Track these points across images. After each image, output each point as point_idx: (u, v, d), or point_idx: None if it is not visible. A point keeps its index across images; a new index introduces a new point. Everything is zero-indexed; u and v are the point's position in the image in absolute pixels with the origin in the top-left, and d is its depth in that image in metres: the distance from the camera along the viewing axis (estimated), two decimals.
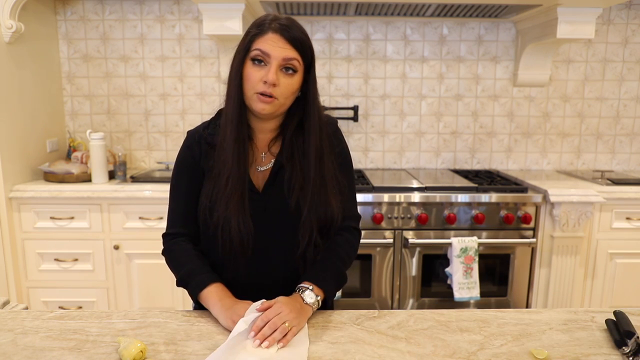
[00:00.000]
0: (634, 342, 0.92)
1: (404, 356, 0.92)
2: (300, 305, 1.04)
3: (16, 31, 2.27)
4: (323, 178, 1.13)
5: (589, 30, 2.34)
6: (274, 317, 0.97)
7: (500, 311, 1.12)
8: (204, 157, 1.16)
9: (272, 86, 1.05)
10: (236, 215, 1.09)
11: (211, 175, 1.13)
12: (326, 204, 1.13)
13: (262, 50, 1.04)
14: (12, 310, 1.12)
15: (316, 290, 1.09)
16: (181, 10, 2.76)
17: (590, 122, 2.93)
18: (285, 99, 1.09)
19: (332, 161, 1.16)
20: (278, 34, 1.04)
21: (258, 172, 1.17)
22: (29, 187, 2.32)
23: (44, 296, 2.40)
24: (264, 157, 1.18)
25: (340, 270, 1.16)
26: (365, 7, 2.46)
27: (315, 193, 1.11)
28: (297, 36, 1.06)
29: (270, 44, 1.04)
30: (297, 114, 1.14)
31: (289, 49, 1.05)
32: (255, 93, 1.06)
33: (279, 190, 1.14)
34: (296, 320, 0.99)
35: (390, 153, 2.95)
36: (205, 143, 1.16)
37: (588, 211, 2.31)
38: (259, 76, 1.05)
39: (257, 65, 1.05)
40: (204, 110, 2.86)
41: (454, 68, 2.87)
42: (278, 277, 1.17)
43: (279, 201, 1.14)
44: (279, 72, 1.05)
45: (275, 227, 1.15)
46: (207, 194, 1.13)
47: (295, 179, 1.13)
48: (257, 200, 1.14)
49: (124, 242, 2.35)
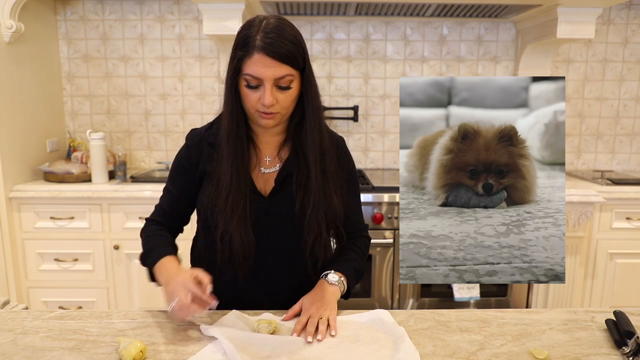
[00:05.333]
0: (634, 342, 0.92)
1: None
2: (323, 292, 1.09)
3: (16, 31, 2.27)
4: (325, 173, 1.13)
5: (589, 30, 2.34)
6: (309, 320, 1.01)
7: (500, 311, 1.12)
8: (204, 158, 1.15)
9: (271, 106, 1.04)
10: (238, 230, 1.08)
11: (212, 180, 1.12)
12: (329, 200, 1.13)
13: (252, 75, 1.01)
14: (12, 310, 1.12)
15: (337, 273, 1.14)
16: (181, 10, 2.76)
17: (590, 122, 2.93)
18: (287, 110, 1.08)
19: (333, 157, 1.16)
20: (263, 53, 0.99)
21: (261, 173, 1.16)
22: (29, 187, 2.32)
23: (44, 296, 2.40)
24: (269, 160, 1.17)
25: (357, 261, 1.20)
26: (365, 7, 2.46)
27: (318, 189, 1.11)
28: (285, 51, 1.00)
29: (259, 66, 1.00)
30: (297, 113, 1.14)
31: (278, 66, 1.01)
32: (256, 111, 1.06)
33: (286, 195, 1.14)
34: (327, 311, 1.04)
35: (390, 153, 2.95)
36: (206, 144, 1.15)
37: (588, 211, 2.31)
38: (256, 97, 1.04)
39: (252, 88, 1.04)
40: (204, 110, 2.86)
41: (454, 68, 2.87)
42: (282, 285, 1.17)
43: (284, 205, 1.13)
44: (274, 90, 1.03)
45: (278, 232, 1.15)
46: (210, 197, 1.12)
47: (300, 179, 1.13)
48: (261, 203, 1.13)
49: (124, 242, 2.35)
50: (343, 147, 1.23)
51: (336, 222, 1.16)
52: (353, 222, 1.24)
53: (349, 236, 1.23)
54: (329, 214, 1.13)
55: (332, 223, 1.16)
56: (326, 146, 1.14)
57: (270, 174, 1.16)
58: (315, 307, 1.04)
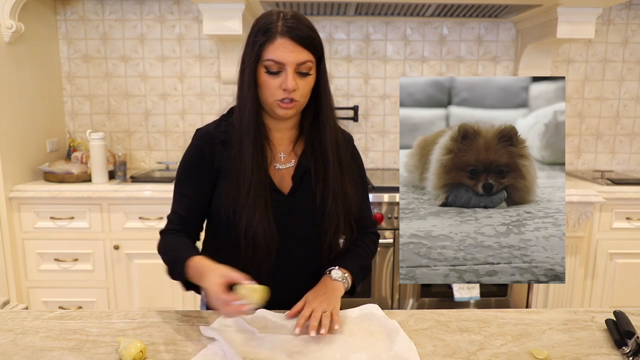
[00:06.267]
0: (634, 342, 0.92)
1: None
2: (325, 288, 1.09)
3: (16, 31, 2.27)
4: (341, 166, 1.13)
5: (589, 30, 2.34)
6: (312, 314, 1.01)
7: (500, 311, 1.12)
8: (218, 156, 1.12)
9: (292, 92, 1.03)
10: (262, 223, 1.07)
11: (229, 177, 1.10)
12: (345, 192, 1.13)
13: (274, 60, 1.01)
14: (12, 310, 1.12)
15: (342, 269, 1.14)
16: (181, 10, 2.76)
17: (590, 122, 2.93)
18: (305, 99, 1.08)
19: (347, 150, 1.17)
20: (287, 37, 1.01)
21: (276, 170, 1.15)
22: (29, 187, 2.32)
23: (44, 296, 2.40)
24: (284, 156, 1.16)
25: (364, 258, 1.20)
26: (365, 7, 2.46)
27: (336, 182, 1.12)
28: (306, 35, 1.03)
29: (281, 50, 1.01)
30: (311, 107, 1.13)
31: (301, 50, 1.02)
32: (275, 100, 1.05)
33: (306, 191, 1.13)
34: (330, 305, 1.04)
35: (390, 153, 2.95)
36: (218, 142, 1.12)
37: (588, 211, 2.31)
38: (276, 84, 1.03)
39: (272, 74, 1.03)
40: (204, 110, 2.86)
41: (454, 68, 2.87)
42: (303, 281, 1.16)
43: (306, 202, 1.13)
44: (295, 76, 1.03)
45: (299, 227, 1.14)
46: (229, 195, 1.09)
47: (319, 172, 1.13)
48: (282, 202, 1.12)
49: (124, 242, 2.35)
50: (353, 144, 1.24)
51: (350, 216, 1.16)
52: (363, 217, 1.23)
53: (358, 231, 1.23)
54: (345, 207, 1.13)
55: (348, 216, 1.15)
56: (340, 139, 1.15)
57: (286, 170, 1.15)
58: (318, 302, 1.04)
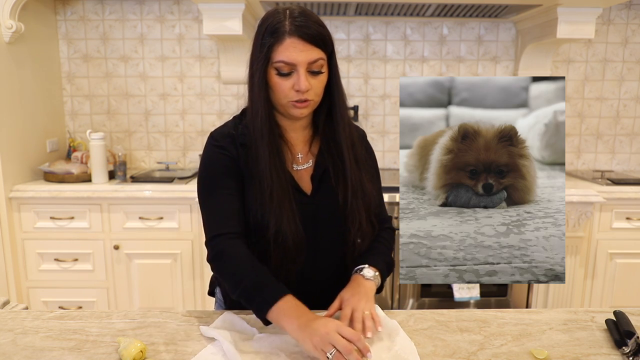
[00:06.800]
0: (634, 342, 0.92)
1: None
2: (359, 287, 1.06)
3: (16, 31, 2.27)
4: (358, 162, 1.12)
5: (589, 30, 2.34)
6: (353, 314, 0.98)
7: (500, 311, 1.12)
8: (242, 158, 1.09)
9: (306, 92, 1.02)
10: (290, 226, 1.05)
11: (253, 182, 1.07)
12: (364, 189, 1.12)
13: (285, 61, 0.99)
14: (12, 310, 1.12)
15: (372, 268, 1.11)
16: (181, 10, 2.76)
17: (590, 122, 2.93)
18: (319, 97, 1.07)
19: (362, 146, 1.16)
20: (296, 36, 0.98)
21: (295, 170, 1.13)
22: (29, 187, 2.32)
23: (44, 296, 2.41)
24: (301, 156, 1.14)
25: (387, 255, 1.18)
26: (365, 7, 2.46)
27: (355, 179, 1.11)
28: (316, 32, 1.00)
29: (291, 51, 0.98)
30: (324, 104, 1.12)
31: (311, 49, 0.99)
32: (289, 101, 1.03)
33: (328, 191, 1.12)
34: (368, 304, 1.01)
35: (390, 153, 2.95)
36: (239, 144, 1.09)
37: (588, 211, 2.31)
38: (289, 85, 1.01)
39: (284, 75, 1.01)
40: (204, 110, 2.86)
41: (454, 68, 2.87)
42: (328, 278, 1.15)
43: (329, 202, 1.12)
44: (307, 75, 1.01)
45: (325, 228, 1.12)
46: (256, 199, 1.06)
47: (337, 171, 1.12)
48: (306, 203, 1.10)
49: (124, 242, 2.35)
50: (366, 139, 1.23)
51: (371, 212, 1.15)
52: (379, 213, 1.21)
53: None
54: (365, 203, 1.12)
55: (369, 212, 1.14)
56: (355, 135, 1.14)
57: (305, 171, 1.14)
58: (357, 299, 1.01)
